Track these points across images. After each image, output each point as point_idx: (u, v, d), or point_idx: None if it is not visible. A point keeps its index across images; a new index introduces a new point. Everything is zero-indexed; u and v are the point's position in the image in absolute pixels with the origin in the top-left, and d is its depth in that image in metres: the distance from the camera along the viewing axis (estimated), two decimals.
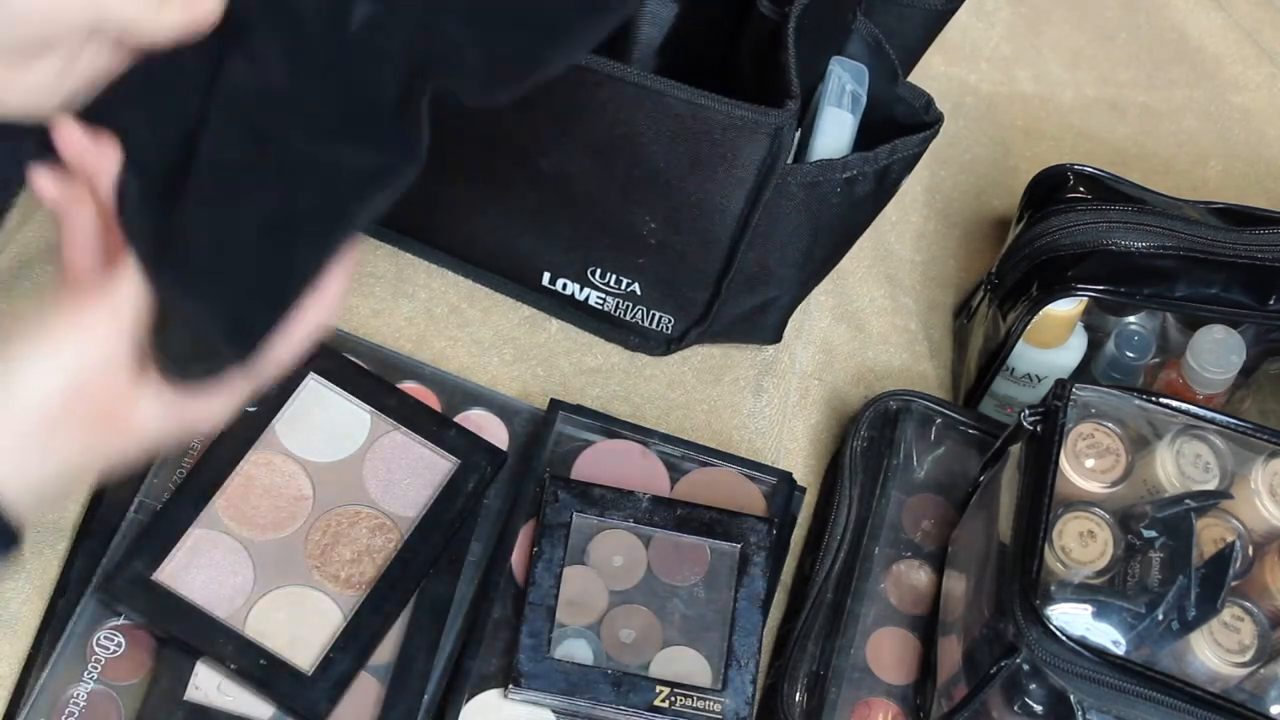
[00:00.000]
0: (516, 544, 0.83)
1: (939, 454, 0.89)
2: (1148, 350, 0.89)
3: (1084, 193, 0.89)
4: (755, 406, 0.94)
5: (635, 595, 0.82)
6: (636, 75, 0.76)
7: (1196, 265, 0.84)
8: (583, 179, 0.83)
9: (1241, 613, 0.70)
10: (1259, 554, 0.72)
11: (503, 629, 0.81)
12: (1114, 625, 0.68)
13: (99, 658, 0.76)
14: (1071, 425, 0.74)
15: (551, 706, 0.79)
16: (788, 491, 0.88)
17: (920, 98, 0.82)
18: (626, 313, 0.92)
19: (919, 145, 0.81)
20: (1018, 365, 0.89)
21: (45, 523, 0.81)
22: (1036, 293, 0.86)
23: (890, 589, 0.84)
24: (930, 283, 1.02)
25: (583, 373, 0.93)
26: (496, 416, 0.89)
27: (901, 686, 0.81)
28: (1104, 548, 0.71)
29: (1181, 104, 1.14)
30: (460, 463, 0.84)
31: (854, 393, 0.96)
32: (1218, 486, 0.73)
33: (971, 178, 1.07)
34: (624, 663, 0.80)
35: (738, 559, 0.83)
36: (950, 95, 1.10)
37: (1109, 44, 1.16)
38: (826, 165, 0.79)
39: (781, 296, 0.89)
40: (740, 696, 0.79)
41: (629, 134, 0.78)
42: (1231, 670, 0.68)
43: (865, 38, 0.84)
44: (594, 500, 0.83)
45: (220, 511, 0.81)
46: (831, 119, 0.81)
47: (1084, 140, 1.10)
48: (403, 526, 0.82)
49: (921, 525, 0.86)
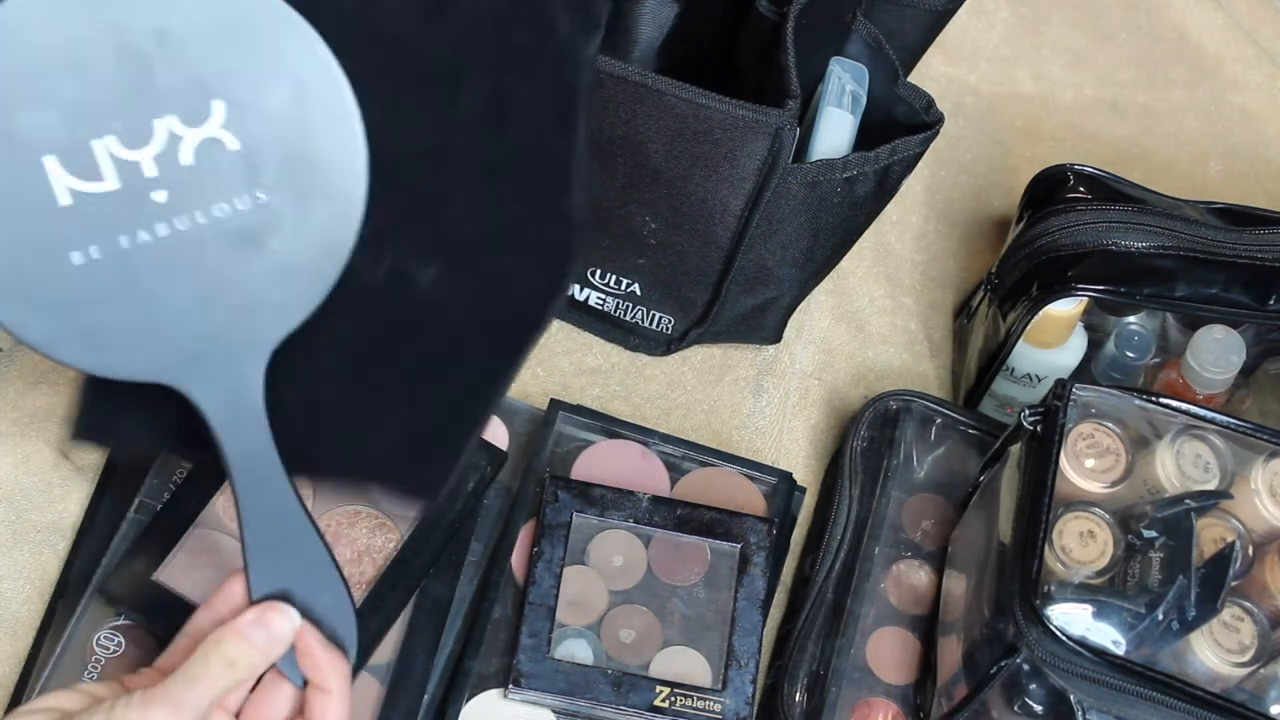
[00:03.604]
0: (516, 544, 0.83)
1: (939, 454, 0.89)
2: (1148, 350, 0.89)
3: (1084, 193, 0.89)
4: (755, 406, 0.94)
5: (635, 595, 0.82)
6: (637, 75, 0.76)
7: (1196, 265, 0.84)
8: None
9: (1241, 613, 0.70)
10: (1259, 554, 0.72)
11: (503, 629, 0.81)
12: (1114, 625, 0.68)
13: (99, 658, 0.76)
14: (1071, 425, 0.74)
15: (551, 706, 0.79)
16: (788, 491, 0.88)
17: (920, 98, 0.82)
18: (626, 313, 0.92)
19: (919, 145, 0.81)
20: (1018, 365, 0.89)
21: (45, 523, 0.81)
22: (1036, 293, 0.86)
23: (890, 589, 0.84)
24: (930, 283, 1.02)
25: (583, 373, 0.93)
26: (496, 416, 0.89)
27: (901, 686, 0.81)
28: (1104, 548, 0.71)
29: (1181, 104, 1.14)
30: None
31: (854, 393, 0.96)
32: (1218, 486, 0.73)
33: (971, 178, 1.07)
34: (624, 663, 0.80)
35: (738, 559, 0.83)
36: (950, 95, 1.10)
37: (1109, 44, 1.16)
38: (827, 165, 0.79)
39: (782, 296, 0.89)
40: (740, 696, 0.79)
41: (629, 134, 0.79)
42: (1231, 670, 0.68)
43: (865, 38, 0.84)
44: (594, 500, 0.83)
45: (220, 511, 0.81)
46: (831, 119, 0.81)
47: (1084, 140, 1.10)
48: (403, 526, 0.82)
49: (921, 525, 0.86)
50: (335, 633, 0.63)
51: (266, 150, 0.61)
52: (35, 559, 0.80)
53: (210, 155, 0.61)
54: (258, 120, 0.61)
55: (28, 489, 0.82)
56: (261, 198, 0.61)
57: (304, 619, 0.62)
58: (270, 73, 0.61)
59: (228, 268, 0.61)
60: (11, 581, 0.80)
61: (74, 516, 0.82)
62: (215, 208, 0.61)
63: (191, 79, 0.60)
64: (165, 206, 0.60)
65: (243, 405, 0.62)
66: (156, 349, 0.61)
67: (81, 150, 0.59)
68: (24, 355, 0.86)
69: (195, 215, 0.61)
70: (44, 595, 0.79)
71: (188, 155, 0.60)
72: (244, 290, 0.62)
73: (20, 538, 0.81)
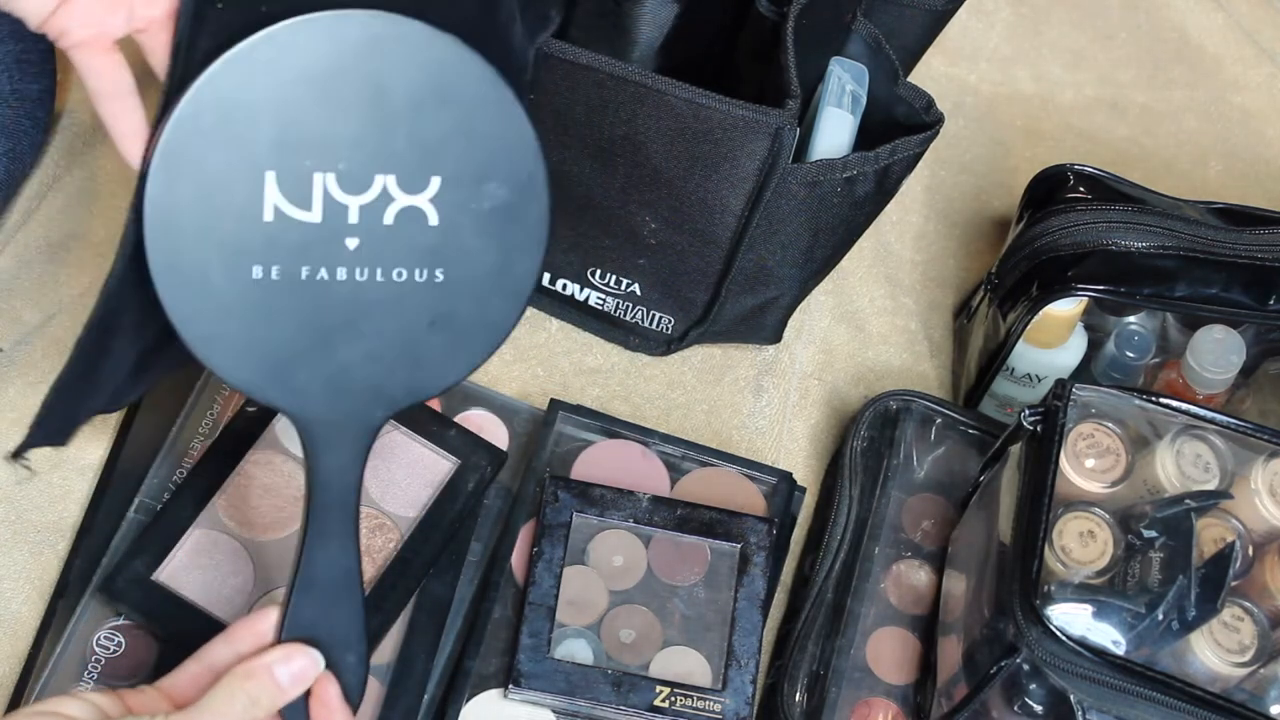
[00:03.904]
0: (516, 544, 0.83)
1: (939, 454, 0.89)
2: (1148, 350, 0.89)
3: (1084, 193, 0.89)
4: (755, 406, 0.94)
5: (635, 595, 0.82)
6: (637, 75, 0.76)
7: (1196, 265, 0.84)
8: (583, 179, 0.83)
9: (1241, 613, 0.70)
10: (1259, 554, 0.72)
11: (503, 629, 0.81)
12: (1114, 625, 0.68)
13: (99, 658, 0.76)
14: (1071, 425, 0.74)
15: (551, 706, 0.79)
16: (788, 491, 0.88)
17: (920, 98, 0.82)
18: (626, 313, 0.92)
19: (919, 145, 0.81)
20: (1018, 365, 0.89)
21: (45, 522, 0.81)
22: (1036, 293, 0.86)
23: (890, 589, 0.84)
24: (930, 283, 1.02)
25: (583, 373, 0.93)
26: (496, 416, 0.89)
27: (901, 686, 0.81)
28: (1104, 548, 0.71)
29: (1181, 104, 1.14)
30: (460, 463, 0.84)
31: (854, 393, 0.96)
32: (1218, 486, 0.73)
33: (971, 178, 1.07)
34: (624, 663, 0.80)
35: (738, 559, 0.83)
36: (950, 95, 1.10)
37: (1109, 44, 1.16)
38: (827, 165, 0.79)
39: (782, 296, 0.89)
40: (740, 696, 0.79)
41: (629, 134, 0.79)
42: (1231, 670, 0.68)
43: (865, 38, 0.84)
44: (594, 500, 0.83)
45: (220, 511, 0.81)
46: (831, 119, 0.81)
47: (1084, 140, 1.10)
48: (403, 526, 0.82)
49: (921, 525, 0.86)
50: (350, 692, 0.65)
51: (460, 235, 0.64)
52: (35, 559, 0.80)
53: (410, 223, 0.63)
54: (464, 206, 0.64)
55: (28, 489, 0.82)
56: (439, 277, 0.64)
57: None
58: (491, 170, 0.64)
59: (386, 327, 0.64)
60: (11, 581, 0.80)
61: (74, 516, 0.82)
62: (395, 271, 0.63)
63: (423, 151, 0.63)
64: (353, 254, 0.63)
65: (348, 454, 0.65)
66: (296, 379, 0.63)
67: (302, 178, 0.61)
68: (24, 356, 0.86)
69: (376, 272, 0.63)
70: (44, 595, 0.79)
71: (391, 216, 0.63)
72: (393, 352, 0.64)
73: (20, 538, 0.81)
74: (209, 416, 0.85)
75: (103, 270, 0.62)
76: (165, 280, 0.61)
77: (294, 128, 0.61)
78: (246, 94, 0.60)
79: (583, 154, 0.81)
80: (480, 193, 0.64)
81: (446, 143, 0.63)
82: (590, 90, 0.77)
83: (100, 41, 0.61)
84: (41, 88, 0.89)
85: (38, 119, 0.90)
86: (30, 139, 0.89)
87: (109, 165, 0.95)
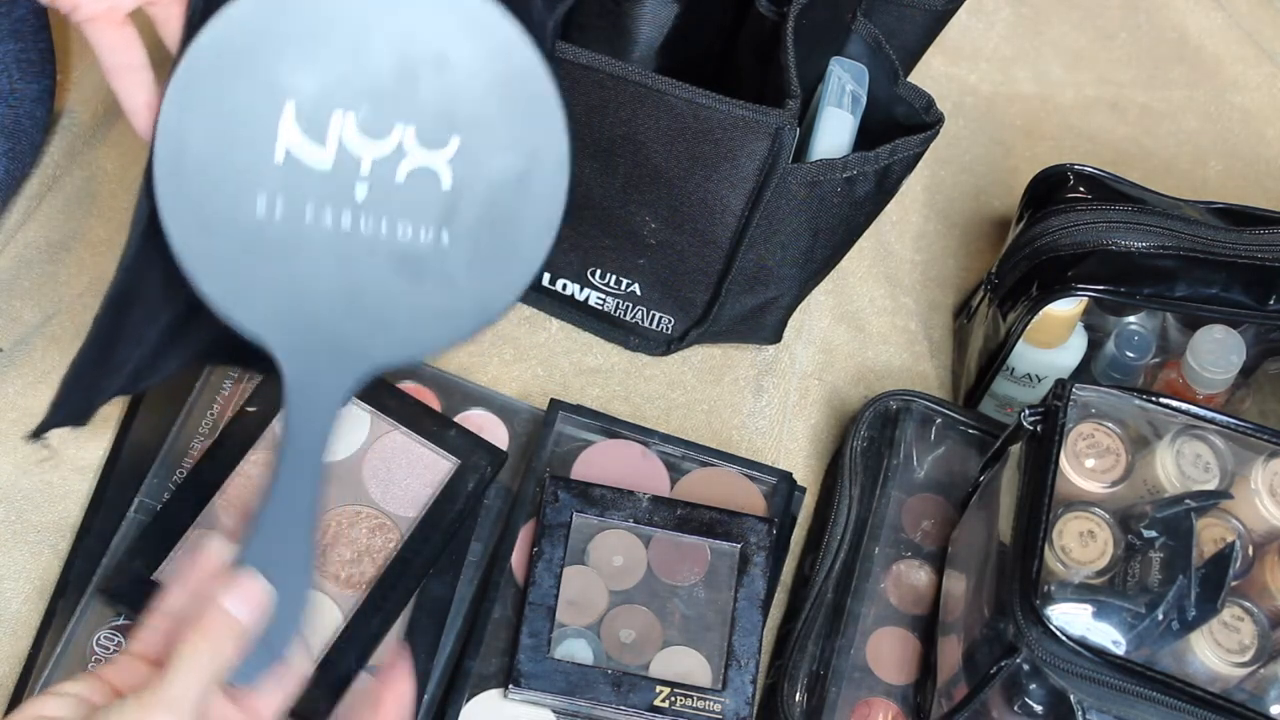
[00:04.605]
0: (516, 544, 0.83)
1: (939, 454, 0.89)
2: (1148, 350, 0.89)
3: (1084, 193, 0.89)
4: (755, 406, 0.94)
5: (635, 595, 0.82)
6: (637, 75, 0.76)
7: (1196, 265, 0.84)
8: (583, 179, 0.83)
9: (1241, 613, 0.70)
10: (1259, 554, 0.72)
11: (503, 629, 0.81)
12: (1114, 625, 0.68)
13: (99, 657, 0.76)
14: (1071, 425, 0.74)
15: (551, 706, 0.79)
16: (788, 491, 0.88)
17: (920, 98, 0.82)
18: (626, 313, 0.92)
19: (919, 145, 0.81)
20: (1018, 365, 0.89)
21: (45, 523, 0.81)
22: (1036, 293, 0.86)
23: (890, 589, 0.84)
24: (930, 283, 1.02)
25: (583, 373, 0.93)
26: (496, 416, 0.89)
27: (901, 686, 0.81)
28: (1104, 548, 0.71)
29: (1181, 104, 1.14)
30: (460, 463, 0.84)
31: (854, 393, 0.96)
32: (1218, 486, 0.73)
33: (971, 178, 1.07)
34: (624, 663, 0.80)
35: (738, 559, 0.83)
36: (950, 95, 1.10)
37: (1109, 44, 1.16)
38: (827, 165, 0.79)
39: (782, 296, 0.89)
40: (740, 696, 0.79)
41: (629, 134, 0.79)
42: (1231, 670, 0.68)
43: (865, 38, 0.84)
44: (594, 500, 0.83)
45: (220, 511, 0.81)
46: (831, 119, 0.81)
47: (1084, 140, 1.10)
48: (403, 526, 0.82)
49: (921, 525, 0.86)
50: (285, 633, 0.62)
51: (472, 202, 0.64)
52: (35, 559, 0.80)
53: (422, 181, 0.63)
54: (480, 173, 0.63)
55: (28, 489, 0.82)
56: (444, 241, 0.63)
57: None
58: (513, 140, 0.63)
59: (382, 282, 0.63)
60: (11, 581, 0.80)
61: (74, 516, 0.82)
62: (400, 227, 0.63)
63: (446, 108, 0.63)
64: (359, 204, 0.63)
65: (325, 400, 0.63)
66: (283, 315, 0.63)
67: (321, 114, 0.61)
68: (24, 355, 0.86)
69: (380, 224, 0.63)
70: (44, 595, 0.79)
71: (403, 172, 0.63)
72: (385, 308, 0.64)
73: (20, 538, 0.81)
74: (209, 416, 0.85)
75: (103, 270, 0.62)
76: (170, 205, 0.61)
77: (320, 62, 0.61)
78: (274, 24, 0.60)
79: (583, 154, 0.81)
80: (499, 162, 0.63)
81: (472, 104, 0.63)
82: (590, 90, 0.77)
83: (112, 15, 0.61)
84: (41, 88, 0.89)
85: (38, 119, 0.90)
86: (30, 139, 0.89)
87: (109, 165, 0.95)
